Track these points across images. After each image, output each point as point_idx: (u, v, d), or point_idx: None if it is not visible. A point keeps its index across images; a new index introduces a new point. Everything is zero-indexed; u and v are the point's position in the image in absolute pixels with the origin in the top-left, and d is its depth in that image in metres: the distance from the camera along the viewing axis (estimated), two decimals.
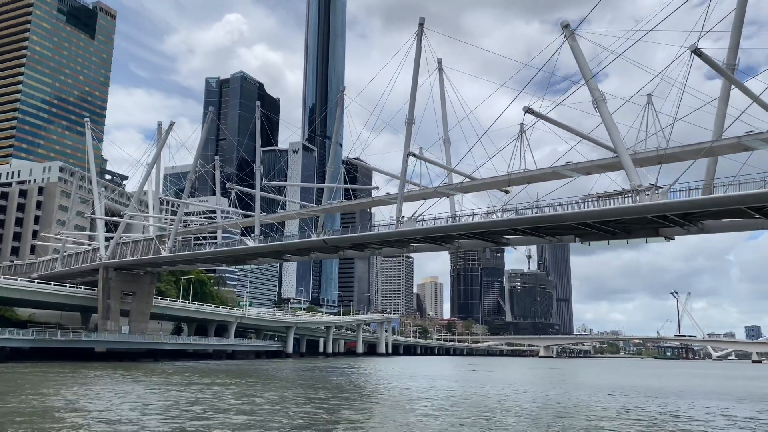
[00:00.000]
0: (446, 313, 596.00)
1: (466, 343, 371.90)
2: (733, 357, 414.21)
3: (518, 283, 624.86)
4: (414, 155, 64.58)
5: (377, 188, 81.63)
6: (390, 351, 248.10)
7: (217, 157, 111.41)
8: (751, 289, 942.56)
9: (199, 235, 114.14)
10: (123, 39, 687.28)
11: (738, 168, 48.42)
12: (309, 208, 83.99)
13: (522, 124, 56.20)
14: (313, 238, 73.81)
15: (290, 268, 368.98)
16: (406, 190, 66.46)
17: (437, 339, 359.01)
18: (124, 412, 34.60)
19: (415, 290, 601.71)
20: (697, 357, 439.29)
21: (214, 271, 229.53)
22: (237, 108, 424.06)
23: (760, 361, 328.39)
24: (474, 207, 60.50)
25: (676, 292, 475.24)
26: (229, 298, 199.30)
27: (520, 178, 56.44)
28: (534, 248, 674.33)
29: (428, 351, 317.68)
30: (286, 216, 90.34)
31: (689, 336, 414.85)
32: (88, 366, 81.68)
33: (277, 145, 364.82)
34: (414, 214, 62.76)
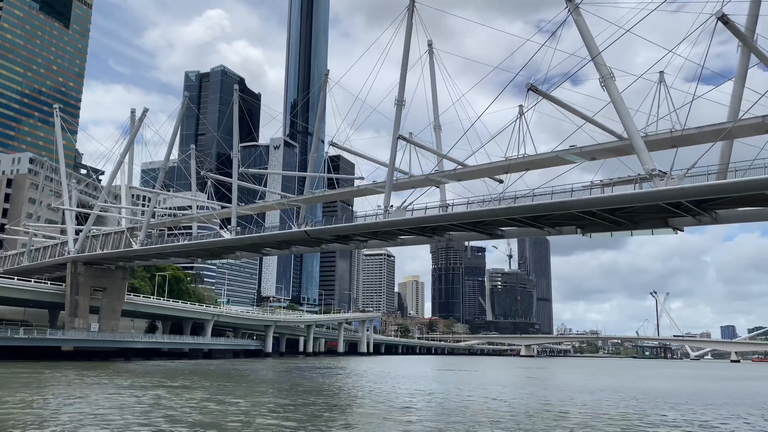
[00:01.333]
0: (427, 312, 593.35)
1: (447, 342, 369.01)
2: (709, 356, 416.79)
3: (499, 283, 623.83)
4: (404, 139, 59.99)
5: (362, 178, 77.11)
6: (371, 350, 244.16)
7: (193, 146, 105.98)
8: (725, 290, 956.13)
9: (174, 229, 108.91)
10: (102, 34, 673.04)
11: (751, 152, 45.02)
12: (290, 198, 79.19)
13: (521, 105, 52.17)
14: (294, 229, 69.06)
15: (270, 266, 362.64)
16: (394, 178, 61.92)
17: (419, 338, 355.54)
18: (62, 421, 29.78)
19: (396, 289, 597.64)
20: (675, 356, 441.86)
21: (192, 268, 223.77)
22: (217, 102, 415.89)
23: (738, 361, 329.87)
24: (465, 197, 56.13)
25: (656, 292, 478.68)
26: (206, 295, 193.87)
27: (519, 164, 52.13)
28: (515, 247, 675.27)
29: (409, 350, 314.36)
30: (265, 207, 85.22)
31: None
32: (53, 366, 76.22)
33: (258, 140, 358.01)
34: (403, 203, 58.41)
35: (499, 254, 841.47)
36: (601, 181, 49.81)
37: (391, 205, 59.47)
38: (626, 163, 51.25)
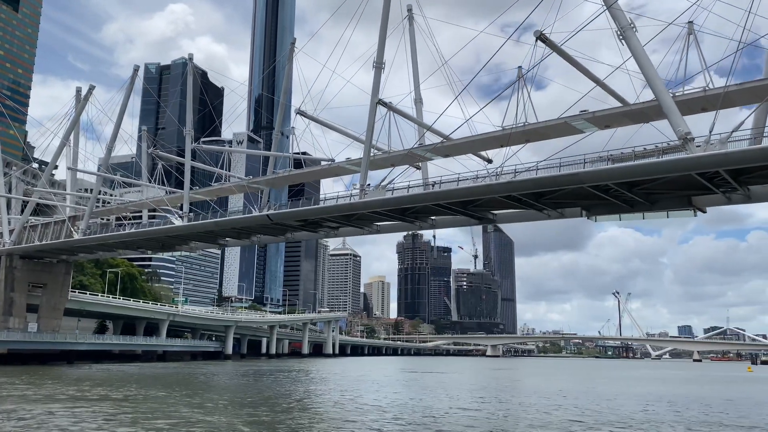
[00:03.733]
0: (393, 313, 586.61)
1: (413, 343, 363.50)
2: (667, 356, 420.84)
3: (464, 283, 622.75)
4: (383, 104, 52.13)
5: (332, 160, 68.93)
6: (337, 351, 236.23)
7: (144, 127, 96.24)
8: (681, 290, 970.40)
9: (124, 220, 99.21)
10: (59, 28, 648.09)
11: None
12: (251, 180, 70.57)
13: (520, 67, 45.07)
14: (255, 213, 60.63)
15: (232, 265, 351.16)
16: (371, 154, 53.95)
17: (385, 339, 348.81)
18: None
19: (362, 289, 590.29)
20: (637, 356, 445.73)
21: (149, 265, 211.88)
22: (178, 96, 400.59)
23: (700, 360, 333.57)
24: (456, 173, 48.45)
25: (618, 293, 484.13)
26: (163, 294, 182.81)
27: (519, 135, 44.85)
28: (480, 247, 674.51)
29: (376, 351, 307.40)
30: (222, 190, 76.10)
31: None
32: None
33: (221, 136, 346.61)
34: (382, 181, 50.60)
35: (465, 254, 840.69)
36: (610, 154, 42.90)
37: (368, 184, 51.64)
38: (637, 139, 44.84)
